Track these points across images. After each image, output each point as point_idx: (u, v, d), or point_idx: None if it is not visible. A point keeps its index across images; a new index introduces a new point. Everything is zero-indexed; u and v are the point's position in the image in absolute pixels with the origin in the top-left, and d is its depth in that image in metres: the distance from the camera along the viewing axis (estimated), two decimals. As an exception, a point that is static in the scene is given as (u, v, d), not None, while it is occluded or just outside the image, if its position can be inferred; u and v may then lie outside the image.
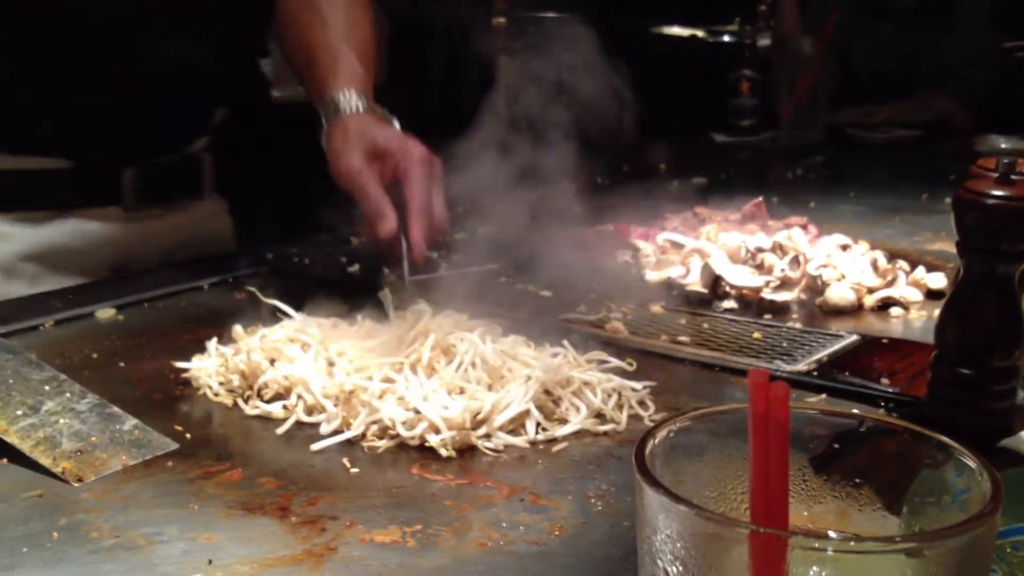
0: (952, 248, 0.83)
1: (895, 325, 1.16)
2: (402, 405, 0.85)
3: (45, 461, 0.79)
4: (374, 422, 0.85)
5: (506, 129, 1.53)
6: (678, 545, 0.37)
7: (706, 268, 1.24)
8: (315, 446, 0.84)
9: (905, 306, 1.20)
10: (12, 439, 0.81)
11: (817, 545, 0.35)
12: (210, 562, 0.67)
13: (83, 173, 1.29)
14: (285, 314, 1.06)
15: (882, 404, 0.92)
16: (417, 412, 0.84)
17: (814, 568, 0.35)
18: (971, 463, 0.38)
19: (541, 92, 1.26)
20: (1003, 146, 2.15)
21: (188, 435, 0.87)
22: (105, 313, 1.16)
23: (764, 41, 2.48)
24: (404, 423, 0.83)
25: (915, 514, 0.42)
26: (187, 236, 1.42)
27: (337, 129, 1.18)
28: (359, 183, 1.12)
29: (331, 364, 0.91)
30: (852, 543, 0.35)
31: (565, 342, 0.98)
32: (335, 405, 0.87)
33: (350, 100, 1.21)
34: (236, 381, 0.94)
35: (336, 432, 0.86)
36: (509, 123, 1.40)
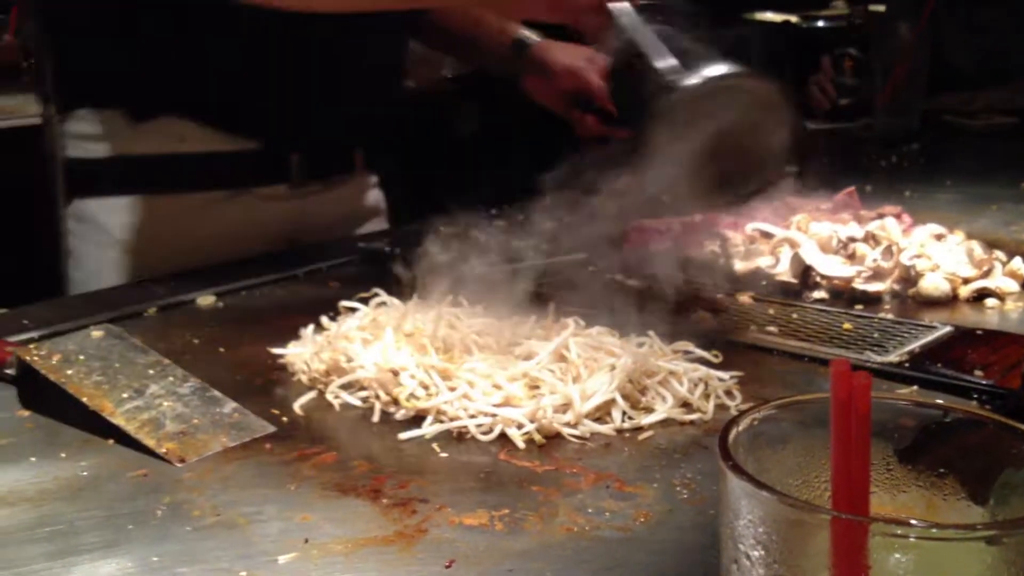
0: (1050, 238, 0.82)
1: (990, 316, 1.14)
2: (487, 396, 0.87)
3: (149, 442, 0.83)
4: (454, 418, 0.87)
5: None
6: (760, 530, 0.37)
7: (796, 258, 1.23)
8: (402, 435, 0.86)
9: (1001, 297, 1.18)
10: (118, 420, 0.85)
11: (898, 532, 0.36)
12: (306, 541, 0.69)
13: (259, 156, 1.43)
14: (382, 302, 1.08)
15: (975, 396, 0.91)
16: (494, 415, 0.86)
17: (895, 555, 0.36)
18: (1056, 455, 0.38)
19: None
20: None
21: (284, 419, 0.90)
22: (206, 300, 1.20)
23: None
24: (479, 427, 0.85)
25: (1001, 505, 0.42)
26: (347, 209, 1.56)
27: (534, 57, 1.48)
28: (584, 77, 1.43)
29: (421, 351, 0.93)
30: (932, 529, 0.36)
31: (651, 332, 0.99)
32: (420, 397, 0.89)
33: (525, 32, 1.50)
34: (322, 368, 0.97)
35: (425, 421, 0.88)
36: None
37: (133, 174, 1.39)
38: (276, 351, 1.02)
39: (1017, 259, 1.24)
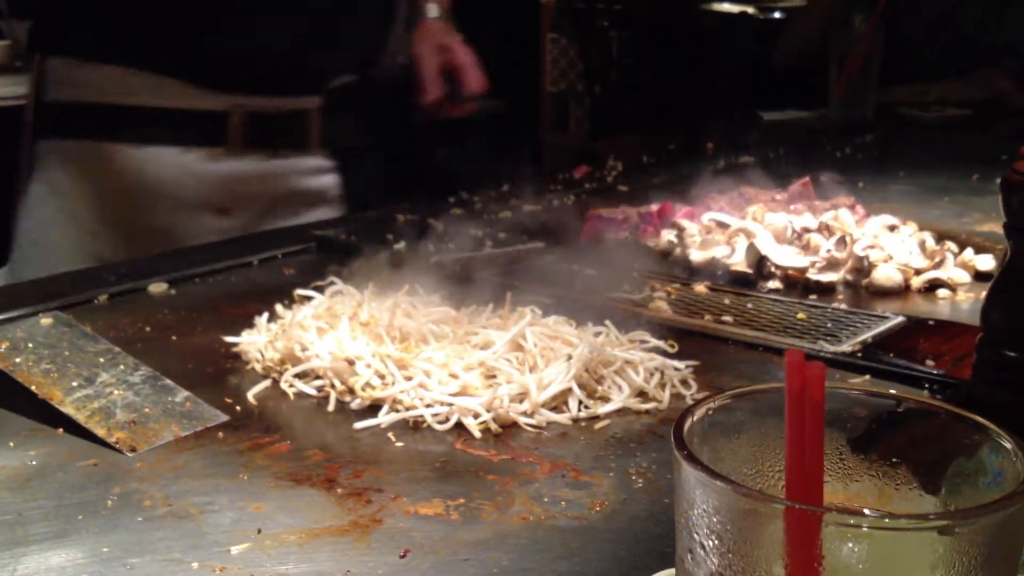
0: (1001, 230, 0.83)
1: (942, 307, 1.16)
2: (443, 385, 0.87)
3: (100, 431, 0.81)
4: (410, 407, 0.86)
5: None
6: (714, 520, 0.37)
7: (751, 248, 1.23)
8: (358, 425, 0.85)
9: (952, 288, 1.19)
10: (68, 409, 0.83)
11: (851, 522, 0.36)
12: (259, 531, 0.68)
13: (196, 113, 1.42)
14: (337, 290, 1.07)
15: (926, 386, 0.92)
16: (450, 405, 0.85)
17: (848, 545, 0.36)
18: (1007, 444, 0.38)
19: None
20: (1057, 126, 2.11)
21: (238, 408, 0.89)
22: (158, 288, 1.19)
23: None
24: (435, 417, 0.85)
25: (952, 494, 0.42)
26: (291, 187, 1.54)
27: (421, 27, 1.65)
28: (423, 65, 1.60)
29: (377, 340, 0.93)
30: (885, 520, 0.36)
31: (607, 322, 0.99)
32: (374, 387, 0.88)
33: (431, 7, 1.67)
34: (277, 357, 0.96)
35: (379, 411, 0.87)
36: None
37: (84, 120, 1.41)
38: (230, 339, 1.01)
39: (969, 250, 1.25)
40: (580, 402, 0.87)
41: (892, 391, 0.44)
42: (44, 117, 1.43)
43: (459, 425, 0.84)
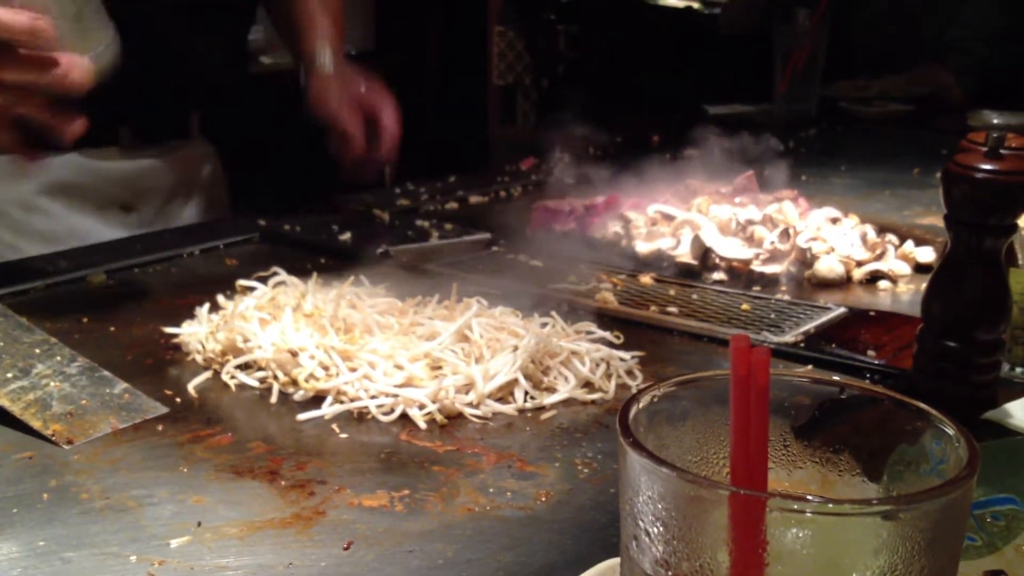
0: (941, 223, 0.84)
1: (883, 298, 1.17)
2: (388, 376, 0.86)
3: (35, 423, 0.80)
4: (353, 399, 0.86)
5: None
6: (659, 507, 0.37)
7: (696, 240, 1.24)
8: (301, 416, 0.84)
9: (893, 279, 1.21)
10: (3, 401, 0.81)
11: (795, 507, 0.36)
12: (199, 524, 0.67)
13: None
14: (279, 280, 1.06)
15: (868, 376, 0.93)
16: (395, 396, 0.85)
17: (793, 530, 0.36)
18: (949, 430, 0.39)
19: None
20: (995, 121, 2.15)
21: (178, 399, 0.87)
22: (96, 278, 1.17)
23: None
24: (380, 408, 0.84)
25: (895, 481, 0.42)
26: (185, 177, 1.53)
27: (320, 79, 1.49)
28: (341, 119, 1.46)
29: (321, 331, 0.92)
30: (829, 505, 0.36)
31: (553, 313, 0.99)
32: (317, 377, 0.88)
33: (326, 56, 1.51)
34: (218, 348, 0.94)
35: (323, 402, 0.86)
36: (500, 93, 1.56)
37: None
38: (170, 330, 0.99)
39: (909, 242, 1.27)
40: (526, 393, 0.87)
41: (835, 378, 0.44)
42: None
43: (404, 416, 0.84)
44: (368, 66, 1.62)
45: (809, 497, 0.41)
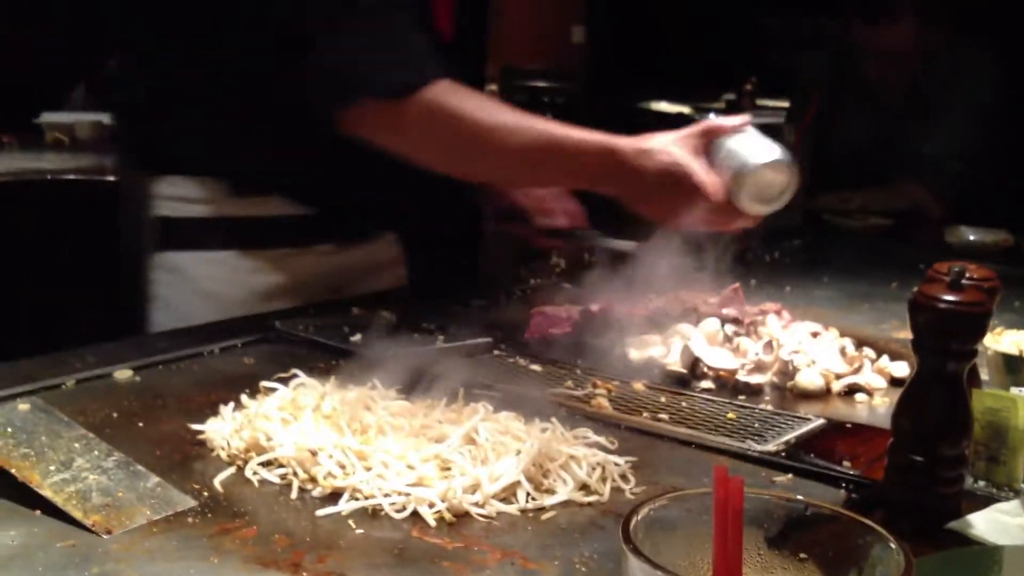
0: (916, 339, 0.92)
1: (860, 410, 1.25)
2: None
3: (77, 514, 0.86)
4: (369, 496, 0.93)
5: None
6: (654, 604, 0.45)
7: (686, 350, 1.32)
8: (320, 512, 0.91)
9: (869, 392, 1.29)
10: (46, 492, 0.88)
11: (765, 607, 0.43)
12: (232, 611, 0.74)
13: (318, 219, 1.68)
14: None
15: (843, 485, 1.00)
16: (407, 494, 0.92)
17: (763, 626, 0.44)
18: (892, 544, 0.46)
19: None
20: (971, 238, 2.25)
21: (205, 493, 0.94)
22: (123, 374, 1.24)
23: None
24: (393, 505, 0.91)
25: (854, 585, 0.50)
26: (375, 264, 1.79)
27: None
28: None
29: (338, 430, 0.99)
30: (792, 606, 0.44)
31: (553, 419, 1.06)
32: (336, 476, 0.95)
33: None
34: (242, 446, 1.01)
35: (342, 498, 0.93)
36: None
37: (221, 233, 1.60)
38: (196, 427, 1.06)
39: (885, 357, 1.36)
40: (528, 494, 0.94)
41: (800, 497, 0.52)
42: (171, 231, 1.63)
43: (415, 513, 0.91)
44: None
45: (777, 599, 0.48)
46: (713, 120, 1.42)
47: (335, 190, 1.64)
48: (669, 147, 1.39)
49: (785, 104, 3.33)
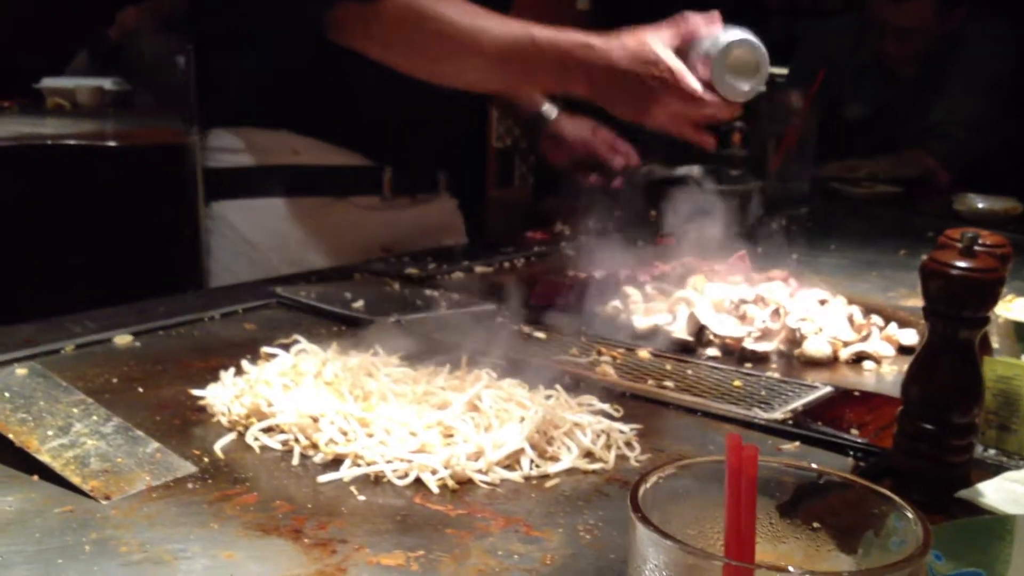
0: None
1: (867, 378, 1.24)
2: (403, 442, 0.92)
3: (75, 479, 0.85)
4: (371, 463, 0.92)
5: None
6: (664, 574, 0.43)
7: (691, 317, 1.31)
8: (321, 478, 0.90)
9: (877, 360, 1.27)
10: (44, 457, 0.87)
11: (778, 577, 0.42)
12: (232, 578, 0.73)
13: (358, 170, 1.74)
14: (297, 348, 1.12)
15: (851, 453, 0.99)
16: (410, 461, 0.91)
17: (776, 597, 0.42)
18: (908, 514, 0.45)
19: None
20: (980, 205, 2.23)
21: (205, 459, 0.93)
22: (123, 339, 1.23)
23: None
24: (395, 472, 0.90)
25: (867, 554, 0.49)
26: (431, 225, 1.85)
27: (557, 124, 1.95)
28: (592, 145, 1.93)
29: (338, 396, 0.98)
30: (807, 575, 0.42)
31: (558, 386, 1.05)
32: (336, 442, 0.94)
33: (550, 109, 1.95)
34: (243, 412, 1.00)
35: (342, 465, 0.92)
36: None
37: (259, 181, 1.68)
38: (196, 392, 1.05)
39: (893, 325, 1.34)
40: (532, 461, 0.93)
41: (814, 465, 0.50)
42: (216, 182, 1.73)
43: (418, 480, 0.90)
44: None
45: (791, 568, 0.47)
46: (687, 16, 1.39)
47: (378, 141, 1.71)
48: (639, 35, 1.38)
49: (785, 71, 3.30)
